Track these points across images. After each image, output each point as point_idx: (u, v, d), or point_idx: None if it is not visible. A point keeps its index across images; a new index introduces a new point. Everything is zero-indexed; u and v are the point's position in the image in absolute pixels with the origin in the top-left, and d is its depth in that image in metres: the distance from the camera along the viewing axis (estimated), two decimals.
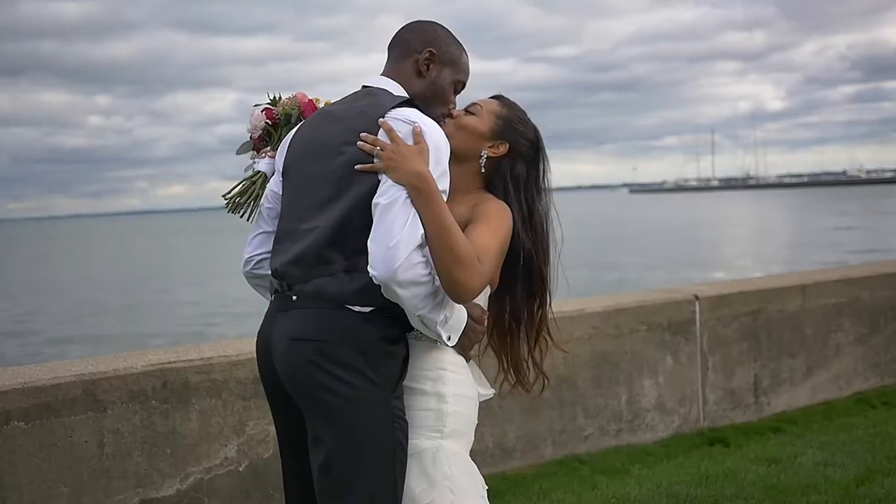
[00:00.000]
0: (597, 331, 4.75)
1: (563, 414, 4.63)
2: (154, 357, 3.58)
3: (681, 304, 5.09)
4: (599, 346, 4.76)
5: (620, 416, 4.83)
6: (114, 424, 3.36)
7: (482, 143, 2.37)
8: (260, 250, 2.39)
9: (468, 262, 2.00)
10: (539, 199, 2.40)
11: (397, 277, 1.95)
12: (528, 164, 2.40)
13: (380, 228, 1.99)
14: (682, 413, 5.07)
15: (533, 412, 4.52)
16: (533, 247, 2.35)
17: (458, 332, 2.14)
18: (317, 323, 2.08)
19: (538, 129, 2.46)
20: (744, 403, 5.33)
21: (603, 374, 4.77)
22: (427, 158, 2.06)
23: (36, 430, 3.21)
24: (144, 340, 15.15)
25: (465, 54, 2.39)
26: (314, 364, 2.05)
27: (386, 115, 2.13)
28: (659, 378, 4.97)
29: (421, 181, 2.02)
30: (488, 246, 2.13)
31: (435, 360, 2.22)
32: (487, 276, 2.09)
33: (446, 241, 1.99)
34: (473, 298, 2.09)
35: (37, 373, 3.34)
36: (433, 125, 2.14)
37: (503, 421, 4.42)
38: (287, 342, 2.11)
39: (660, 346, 4.99)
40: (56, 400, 3.25)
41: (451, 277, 1.99)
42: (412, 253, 1.97)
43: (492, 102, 2.45)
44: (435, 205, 2.01)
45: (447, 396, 2.19)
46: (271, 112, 2.54)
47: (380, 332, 2.09)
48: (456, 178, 2.33)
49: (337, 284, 2.07)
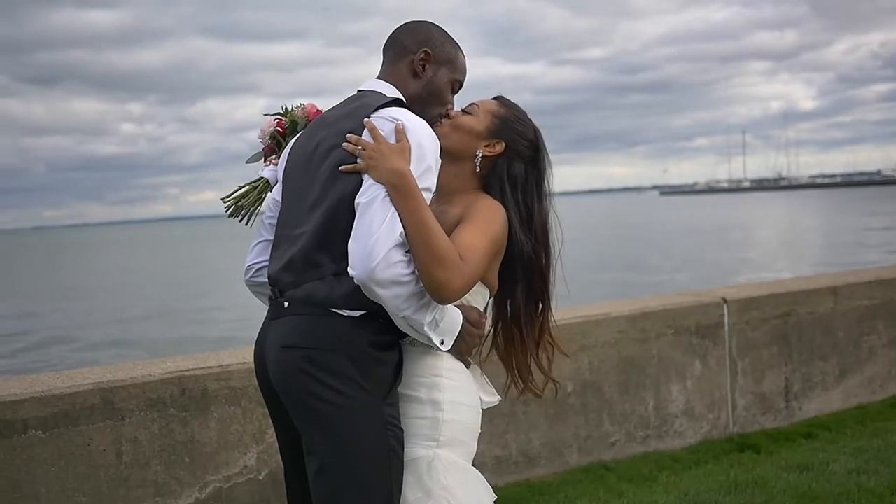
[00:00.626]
0: (623, 335, 4.67)
1: (589, 420, 4.56)
2: (172, 364, 3.56)
3: (709, 308, 4.99)
4: (626, 351, 4.68)
5: (648, 422, 4.75)
6: (132, 433, 3.34)
7: (478, 143, 2.32)
8: (260, 258, 2.38)
9: (448, 260, 1.96)
10: (539, 201, 2.34)
11: (375, 276, 1.91)
12: (526, 164, 2.34)
13: (359, 227, 1.97)
14: (711, 419, 4.97)
15: (558, 418, 4.45)
16: (533, 249, 2.29)
17: (452, 336, 2.10)
18: (306, 330, 2.05)
19: (539, 129, 2.41)
20: (774, 408, 5.22)
21: (629, 379, 4.69)
22: (408, 156, 2.03)
23: (54, 439, 3.19)
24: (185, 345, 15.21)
25: (462, 53, 2.35)
26: (304, 372, 2.02)
27: (371, 115, 2.11)
28: (687, 383, 4.88)
29: (399, 179, 1.98)
30: (475, 245, 2.07)
31: (430, 366, 2.17)
32: (472, 276, 2.04)
33: (425, 239, 1.95)
34: (457, 299, 2.04)
35: (54, 381, 3.32)
36: (418, 122, 2.10)
37: (527, 427, 4.35)
38: (278, 350, 2.09)
39: (688, 350, 4.90)
40: (74, 408, 3.23)
41: (430, 277, 1.94)
42: (391, 251, 1.93)
43: (489, 102, 2.41)
44: (413, 202, 1.97)
45: (443, 404, 2.14)
46: (281, 121, 2.53)
47: (370, 338, 2.05)
48: (452, 178, 2.32)
49: (326, 288, 2.04)
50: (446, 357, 2.18)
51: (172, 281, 34.21)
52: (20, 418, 3.14)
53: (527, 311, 2.35)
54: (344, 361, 2.01)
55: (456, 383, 2.18)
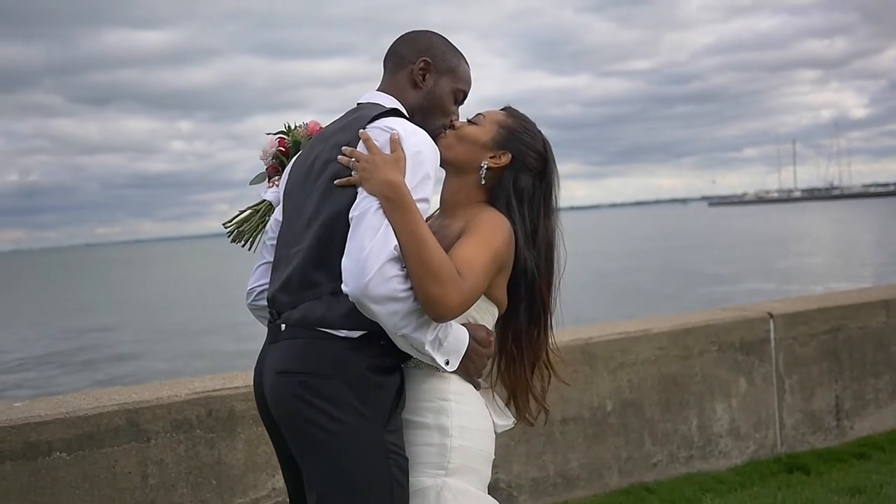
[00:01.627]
0: (664, 352, 4.52)
1: (630, 440, 4.41)
2: (199, 384, 3.50)
3: (754, 323, 4.82)
4: (667, 368, 4.53)
5: (691, 442, 4.59)
6: (158, 455, 3.28)
7: (483, 154, 2.22)
8: (261, 281, 2.30)
9: (444, 275, 1.86)
10: (546, 216, 2.23)
11: (369, 292, 1.82)
12: (534, 177, 2.24)
13: (351, 242, 1.88)
14: (758, 438, 4.79)
15: (597, 438, 4.31)
16: (536, 266, 2.18)
17: (457, 356, 1.99)
18: (302, 354, 1.96)
19: (548, 141, 2.30)
20: (824, 427, 5.03)
21: (671, 397, 4.54)
22: (402, 166, 1.94)
23: (78, 461, 3.14)
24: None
25: (465, 62, 2.26)
26: (300, 399, 1.93)
27: (367, 126, 2.03)
28: (732, 401, 4.71)
29: (392, 190, 1.89)
30: (474, 259, 1.96)
31: (436, 389, 2.06)
32: (470, 292, 1.93)
33: (418, 252, 1.85)
34: (455, 317, 1.93)
35: (79, 402, 3.27)
36: (414, 132, 2.02)
37: (565, 448, 4.22)
38: (273, 376, 2.01)
39: (732, 367, 4.73)
40: (98, 430, 3.18)
41: (425, 293, 1.85)
42: (385, 265, 1.83)
43: (496, 112, 2.31)
44: (407, 215, 1.88)
45: (451, 429, 2.03)
46: (284, 140, 2.46)
47: (369, 362, 1.95)
48: (456, 191, 2.23)
49: (323, 307, 1.96)
50: (454, 379, 2.07)
51: (227, 296, 34.60)
52: (44, 440, 3.09)
53: (527, 331, 2.23)
54: (341, 387, 1.92)
55: (465, 407, 2.07)
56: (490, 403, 2.18)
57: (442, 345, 1.95)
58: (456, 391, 2.06)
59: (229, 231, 2.49)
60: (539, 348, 2.26)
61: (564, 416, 4.22)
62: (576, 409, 4.26)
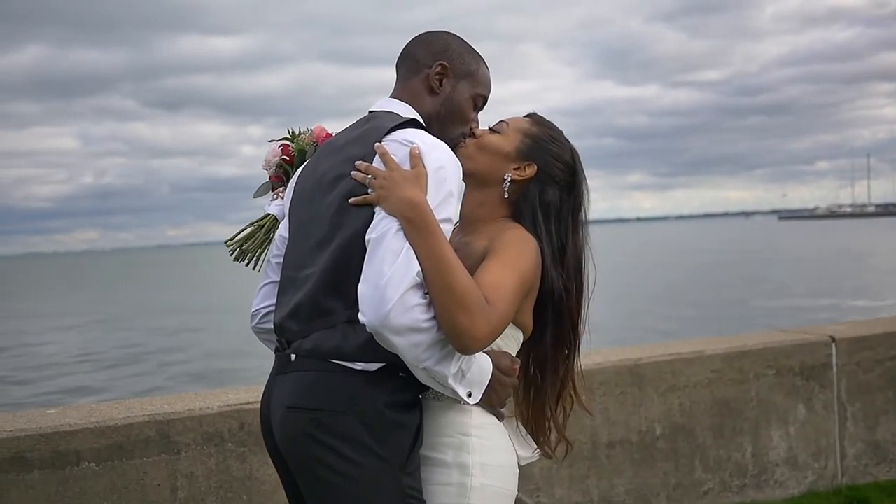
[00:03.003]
0: (718, 375, 4.33)
1: (680, 466, 4.23)
2: (232, 396, 3.43)
3: (815, 347, 4.59)
4: (721, 392, 4.33)
5: (745, 471, 4.38)
6: (188, 468, 3.22)
7: (506, 165, 2.07)
8: (266, 302, 2.16)
9: (472, 304, 1.70)
10: (575, 231, 2.08)
11: (390, 323, 1.66)
12: (561, 190, 2.08)
13: (369, 267, 1.72)
14: (817, 468, 4.56)
15: (644, 463, 4.14)
16: (564, 286, 2.02)
17: (480, 388, 1.84)
18: (314, 388, 1.82)
19: (576, 151, 2.14)
20: (889, 458, 4.76)
21: (724, 422, 4.34)
22: (424, 184, 1.79)
23: (107, 472, 3.10)
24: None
25: (484, 65, 2.11)
26: (311, 437, 1.78)
27: (383, 139, 1.87)
28: (790, 429, 4.49)
29: (413, 210, 1.74)
30: (502, 284, 1.80)
31: (457, 424, 1.91)
32: (500, 321, 1.77)
33: (444, 279, 1.70)
34: (483, 349, 1.78)
35: (110, 411, 3.23)
36: (435, 145, 1.86)
37: (611, 472, 4.06)
38: (282, 411, 1.86)
39: (791, 392, 4.51)
40: (128, 440, 3.13)
41: (451, 323, 1.69)
42: (407, 293, 1.68)
43: (520, 119, 2.15)
44: (430, 237, 1.72)
45: (471, 468, 1.88)
46: (287, 148, 2.32)
47: (387, 398, 1.80)
48: (478, 205, 2.08)
49: (338, 338, 1.81)
50: (475, 412, 1.92)
51: None
52: (73, 449, 3.05)
53: (553, 357, 2.08)
54: (356, 425, 1.77)
55: (487, 442, 1.92)
56: (514, 434, 2.04)
57: (465, 376, 1.80)
58: (478, 425, 1.92)
59: (231, 250, 2.34)
60: (566, 375, 2.11)
61: (611, 439, 4.07)
62: (623, 432, 4.09)
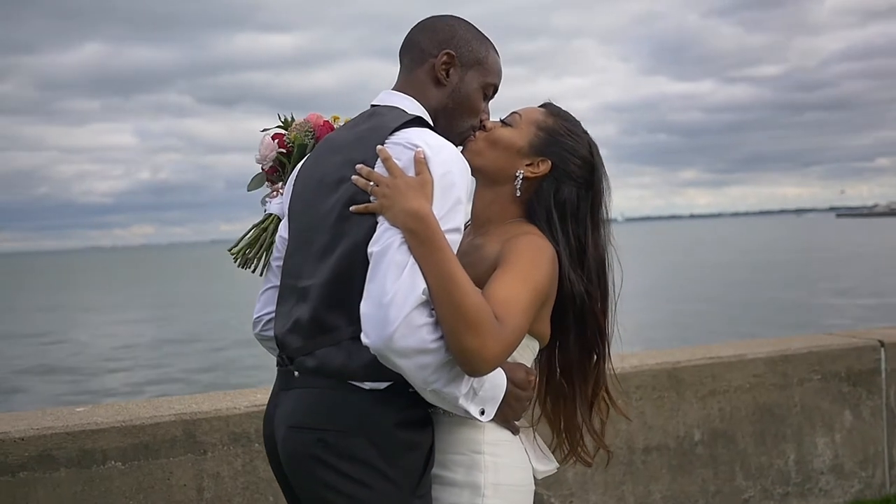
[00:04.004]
0: (759, 380, 4.20)
1: (719, 473, 4.11)
2: (260, 396, 3.39)
3: (862, 351, 4.43)
4: (763, 398, 4.21)
5: (787, 478, 4.25)
6: (214, 468, 3.19)
7: (518, 161, 1.95)
8: (268, 309, 2.05)
9: (481, 323, 1.59)
10: (595, 231, 1.95)
11: (395, 345, 1.55)
12: (578, 188, 1.95)
13: (372, 284, 1.61)
14: (864, 477, 4.41)
15: (682, 469, 4.03)
16: (586, 290, 1.91)
17: (494, 404, 1.74)
18: (319, 407, 1.73)
19: (595, 144, 2.01)
20: None
21: (766, 428, 4.21)
22: (429, 192, 1.67)
23: (133, 471, 3.08)
24: None
25: (494, 51, 1.97)
26: (316, 459, 1.70)
27: (386, 141, 1.76)
28: (835, 435, 4.35)
29: (417, 222, 1.62)
30: (514, 298, 1.69)
31: (468, 441, 1.82)
32: (511, 341, 1.66)
33: (451, 297, 1.58)
34: (493, 369, 1.67)
35: (137, 410, 3.22)
36: (441, 147, 1.74)
37: (647, 479, 3.96)
38: (285, 430, 1.78)
39: (837, 398, 4.36)
40: (154, 440, 3.11)
41: (459, 344, 1.58)
42: (413, 313, 1.57)
43: (534, 111, 2.02)
44: (436, 252, 1.61)
45: (483, 488, 1.79)
46: (282, 138, 2.19)
47: (397, 416, 1.70)
48: (488, 204, 1.95)
49: (343, 356, 1.71)
50: (488, 428, 1.82)
51: None
52: (100, 448, 3.04)
53: (580, 363, 1.98)
54: (364, 445, 1.68)
55: (501, 460, 1.83)
56: (530, 447, 1.95)
57: (477, 394, 1.70)
58: (491, 441, 1.83)
59: (235, 257, 2.23)
60: (598, 381, 2.01)
61: (647, 444, 3.96)
62: (660, 437, 3.99)
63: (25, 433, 2.97)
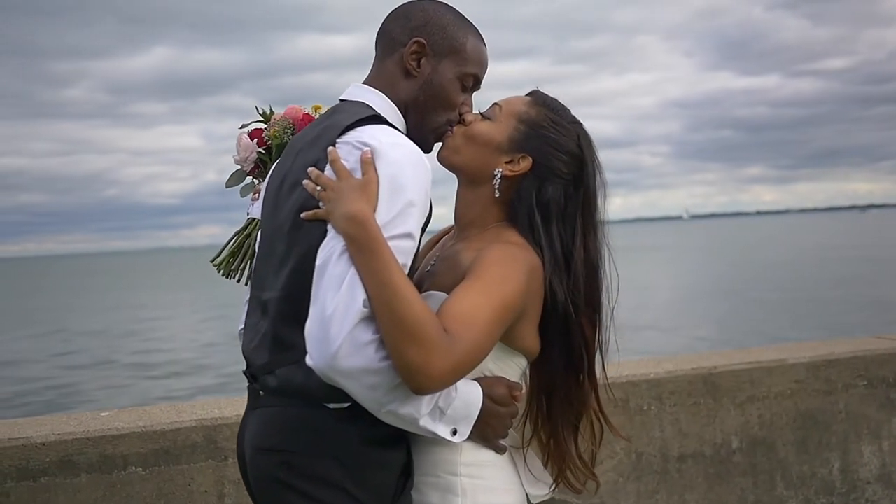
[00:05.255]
0: (801, 385, 4.05)
1: (759, 482, 3.97)
2: None
3: None
4: (805, 404, 4.05)
5: (832, 488, 4.09)
6: (235, 474, 3.15)
7: (497, 158, 1.78)
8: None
9: (425, 337, 1.46)
10: (585, 234, 1.77)
11: (338, 365, 1.45)
12: (565, 186, 1.78)
13: (314, 299, 1.51)
14: None
15: (720, 478, 3.91)
16: (572, 301, 1.72)
17: (468, 422, 1.63)
18: (283, 428, 1.64)
19: (586, 135, 1.82)
20: None
21: (809, 436, 4.06)
22: (372, 194, 1.54)
23: (154, 477, 3.08)
24: None
25: (475, 37, 1.81)
26: (281, 483, 1.62)
27: (337, 140, 1.64)
28: (882, 444, 4.17)
29: (355, 227, 1.50)
30: (472, 314, 1.55)
31: (443, 462, 1.70)
32: (464, 357, 1.52)
33: (390, 308, 1.46)
34: (441, 387, 1.53)
35: (159, 415, 3.21)
36: (396, 146, 1.61)
37: (682, 488, 3.84)
38: (252, 452, 1.70)
39: (884, 405, 4.19)
40: (175, 446, 3.10)
41: (401, 360, 1.46)
42: (356, 329, 1.46)
43: (516, 101, 1.85)
44: (374, 259, 1.48)
45: None
46: (261, 135, 2.06)
47: (364, 433, 1.60)
48: (470, 206, 1.81)
49: (302, 375, 1.60)
50: (466, 448, 1.70)
51: None
52: (120, 453, 3.04)
53: (564, 380, 1.80)
54: (331, 466, 1.59)
55: (481, 482, 1.70)
56: (522, 469, 1.81)
57: (444, 413, 1.59)
58: (469, 462, 1.70)
59: (218, 268, 2.15)
60: (583, 400, 1.83)
61: (682, 452, 3.85)
62: (695, 444, 3.87)
63: (47, 438, 2.98)
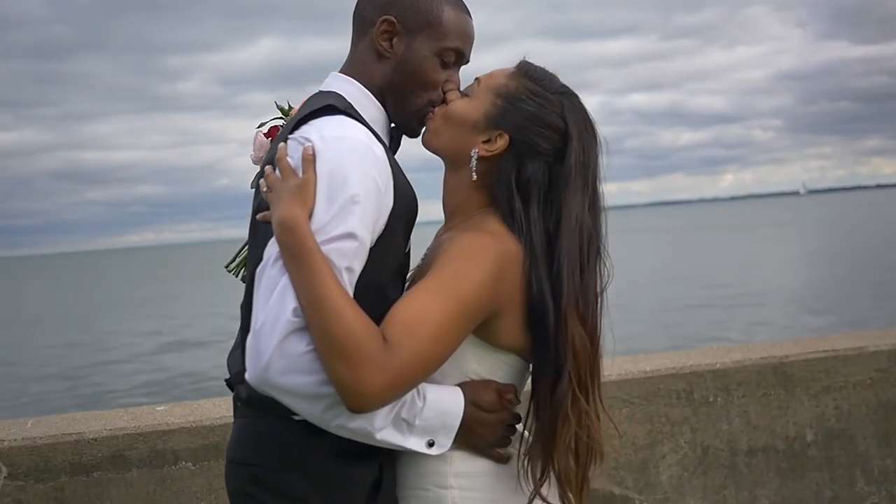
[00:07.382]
0: (882, 375, 3.83)
1: (836, 477, 3.77)
2: None
3: None
4: (886, 394, 3.83)
5: None
6: None
7: (474, 138, 1.63)
8: None
9: (353, 352, 1.34)
10: (570, 218, 1.57)
11: (271, 380, 1.36)
12: (550, 163, 1.60)
13: (254, 311, 1.43)
14: None
15: (793, 473, 3.72)
16: (551, 294, 1.55)
17: (447, 433, 1.50)
18: (253, 440, 1.58)
19: (575, 106, 1.63)
20: None
21: (892, 428, 3.83)
22: (308, 195, 1.43)
23: (204, 472, 3.09)
24: None
25: (452, 7, 1.66)
26: (249, 496, 1.55)
27: (289, 136, 1.54)
28: None
29: (284, 232, 1.41)
30: (422, 319, 1.42)
31: (432, 473, 1.57)
32: (408, 369, 1.38)
33: (319, 319, 1.35)
34: (379, 405, 1.40)
35: (207, 410, 3.22)
36: (340, 139, 1.49)
37: (752, 483, 3.67)
38: (226, 463, 1.66)
39: None
40: (224, 441, 3.08)
41: (331, 376, 1.35)
42: (287, 340, 1.36)
43: (497, 74, 1.69)
44: (303, 266, 1.38)
45: None
46: (277, 133, 1.91)
47: (332, 445, 1.50)
48: (453, 192, 1.68)
49: None
50: (456, 457, 1.57)
51: None
52: (171, 448, 3.06)
53: (541, 382, 1.61)
54: (297, 481, 1.52)
55: (473, 494, 1.57)
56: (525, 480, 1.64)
57: (412, 425, 1.47)
58: (461, 473, 1.57)
59: (234, 273, 2.00)
60: (563, 407, 1.58)
61: (751, 445, 3.68)
62: (766, 438, 3.69)
63: (99, 433, 3.02)
